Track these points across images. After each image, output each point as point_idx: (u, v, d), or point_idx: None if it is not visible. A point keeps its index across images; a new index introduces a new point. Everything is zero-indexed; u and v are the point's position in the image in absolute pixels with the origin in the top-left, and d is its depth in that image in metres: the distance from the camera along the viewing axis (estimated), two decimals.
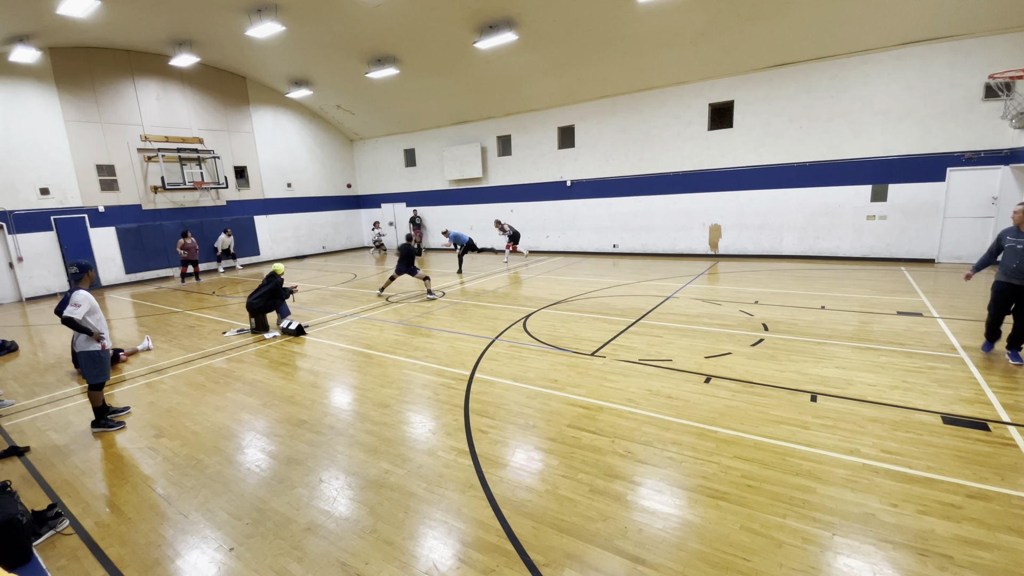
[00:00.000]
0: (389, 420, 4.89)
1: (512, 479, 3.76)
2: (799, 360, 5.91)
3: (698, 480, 3.61)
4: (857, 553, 2.84)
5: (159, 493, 3.83)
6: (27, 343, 8.88)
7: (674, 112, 14.51)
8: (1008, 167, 10.76)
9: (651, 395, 5.12)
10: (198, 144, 16.69)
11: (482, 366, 6.26)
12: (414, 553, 3.03)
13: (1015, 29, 10.18)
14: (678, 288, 10.44)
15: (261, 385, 6.06)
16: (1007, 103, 10.18)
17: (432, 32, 13.30)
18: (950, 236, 11.68)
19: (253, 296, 8.54)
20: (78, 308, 4.73)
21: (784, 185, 13.35)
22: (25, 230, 13.40)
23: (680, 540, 3.01)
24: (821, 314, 7.85)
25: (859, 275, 10.88)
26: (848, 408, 4.63)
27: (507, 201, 18.61)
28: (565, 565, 2.85)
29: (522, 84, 15.69)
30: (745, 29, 11.68)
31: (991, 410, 4.46)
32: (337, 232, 22.29)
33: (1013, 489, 3.33)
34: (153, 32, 13.83)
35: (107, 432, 4.98)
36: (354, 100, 18.94)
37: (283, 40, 14.09)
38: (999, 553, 2.78)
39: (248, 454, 4.37)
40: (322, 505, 3.55)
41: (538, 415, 4.82)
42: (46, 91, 13.58)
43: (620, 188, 15.98)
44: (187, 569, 3.01)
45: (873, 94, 11.81)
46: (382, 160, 22.08)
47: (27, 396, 6.16)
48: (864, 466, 3.67)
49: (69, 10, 10.81)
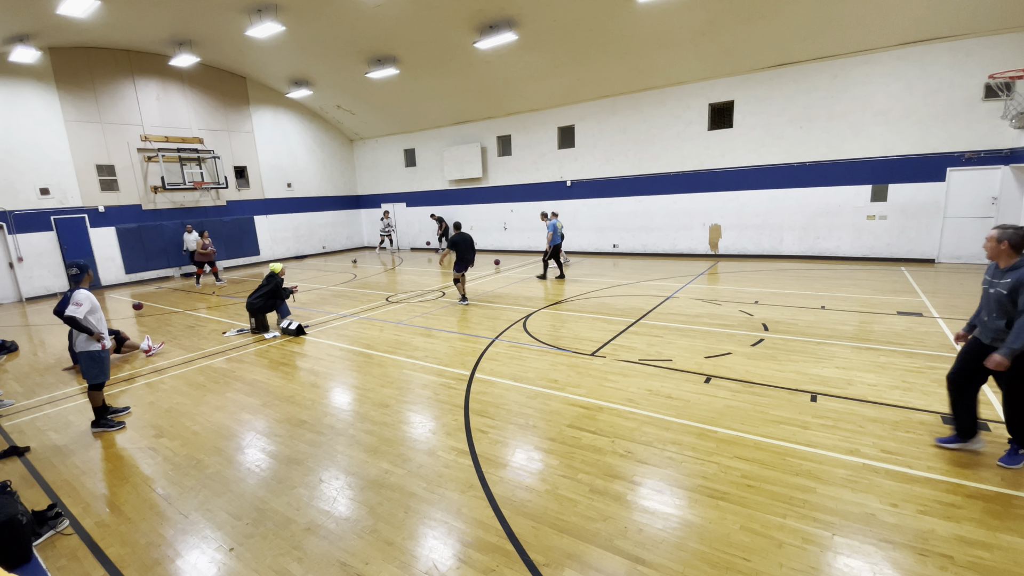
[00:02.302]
0: (389, 420, 4.89)
1: (512, 479, 3.76)
2: (799, 360, 5.91)
3: (698, 480, 3.61)
4: (857, 553, 2.83)
5: (159, 493, 3.83)
6: (27, 343, 8.87)
7: (674, 112, 14.50)
8: (1008, 167, 10.76)
9: (651, 395, 5.12)
10: (198, 144, 16.69)
11: (482, 366, 6.26)
12: (414, 553, 3.03)
13: (1015, 29, 10.18)
14: (678, 288, 10.44)
15: (261, 385, 6.06)
16: (1007, 103, 10.18)
17: (432, 32, 13.30)
18: (950, 236, 11.68)
19: (253, 296, 8.54)
20: (80, 307, 4.73)
21: (784, 185, 13.35)
22: (25, 230, 13.40)
23: (680, 540, 3.01)
24: (821, 314, 7.85)
25: (859, 275, 10.88)
26: (848, 408, 4.62)
27: (507, 201, 18.61)
28: (565, 565, 2.85)
29: (522, 84, 15.69)
30: (745, 29, 11.67)
31: (991, 410, 4.46)
32: (337, 232, 22.30)
33: (1013, 489, 3.33)
34: (153, 32, 13.83)
35: (107, 432, 4.98)
36: (354, 100, 18.94)
37: (283, 40, 14.08)
38: (999, 553, 2.78)
39: (248, 454, 4.37)
40: (322, 505, 3.55)
41: (538, 415, 4.82)
42: (46, 91, 13.58)
43: (620, 188, 15.97)
44: (187, 569, 3.01)
45: (873, 94, 11.81)
46: (382, 160, 22.08)
47: (27, 396, 6.15)
48: (864, 466, 3.67)
49: (69, 10, 10.81)
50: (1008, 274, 3.45)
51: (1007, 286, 3.41)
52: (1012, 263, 3.48)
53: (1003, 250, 3.50)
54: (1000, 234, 3.49)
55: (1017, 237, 3.43)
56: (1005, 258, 3.51)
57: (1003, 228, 3.49)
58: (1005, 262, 3.52)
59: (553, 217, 12.22)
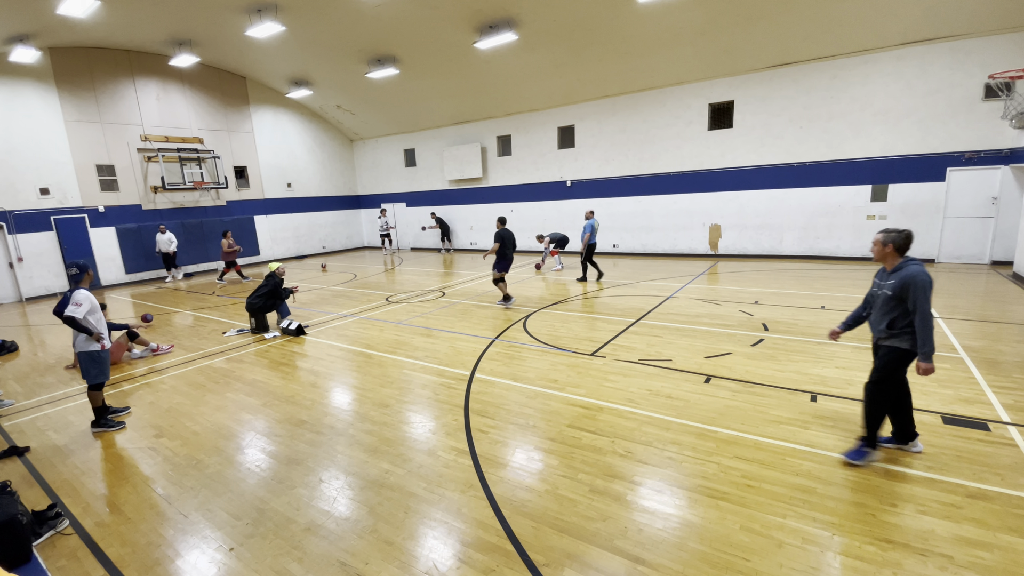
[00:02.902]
0: (389, 420, 4.89)
1: (512, 479, 3.76)
2: (799, 360, 5.91)
3: (698, 480, 3.61)
4: (857, 553, 2.83)
5: (159, 493, 3.83)
6: (27, 343, 8.87)
7: (674, 112, 14.50)
8: (1008, 167, 10.76)
9: (651, 395, 5.12)
10: (198, 144, 16.69)
11: (482, 366, 6.26)
12: (414, 553, 3.03)
13: (1015, 29, 10.18)
14: (678, 288, 10.44)
15: (261, 385, 6.06)
16: (1007, 103, 10.18)
17: (432, 32, 13.30)
18: (950, 236, 11.68)
19: (253, 296, 8.54)
20: (79, 307, 4.73)
21: (784, 185, 13.35)
22: (25, 230, 13.40)
23: (680, 540, 3.01)
24: (821, 314, 7.85)
25: (859, 275, 10.88)
26: (848, 408, 4.62)
27: (507, 201, 18.61)
28: (565, 565, 2.85)
29: (522, 84, 15.69)
30: (745, 29, 11.68)
31: (991, 410, 4.46)
32: (337, 232, 22.30)
33: (1013, 489, 3.33)
34: (153, 32, 13.83)
35: (107, 432, 4.98)
36: (354, 100, 18.94)
37: (283, 40, 14.08)
38: (999, 553, 2.78)
39: (248, 454, 4.37)
40: (322, 505, 3.55)
41: (538, 415, 4.82)
42: (46, 91, 13.58)
43: (620, 188, 15.97)
44: (187, 569, 3.01)
45: (873, 94, 11.81)
46: (382, 160, 22.08)
47: (27, 396, 6.16)
48: (864, 466, 3.67)
49: (69, 10, 10.81)
50: (893, 275, 3.56)
51: (893, 287, 3.52)
52: (896, 264, 3.59)
53: (888, 252, 3.61)
54: (885, 238, 3.60)
55: (900, 240, 3.55)
56: (891, 260, 3.62)
57: (887, 232, 3.61)
58: (891, 264, 3.63)
59: (591, 216, 11.51)
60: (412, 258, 18.60)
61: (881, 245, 3.63)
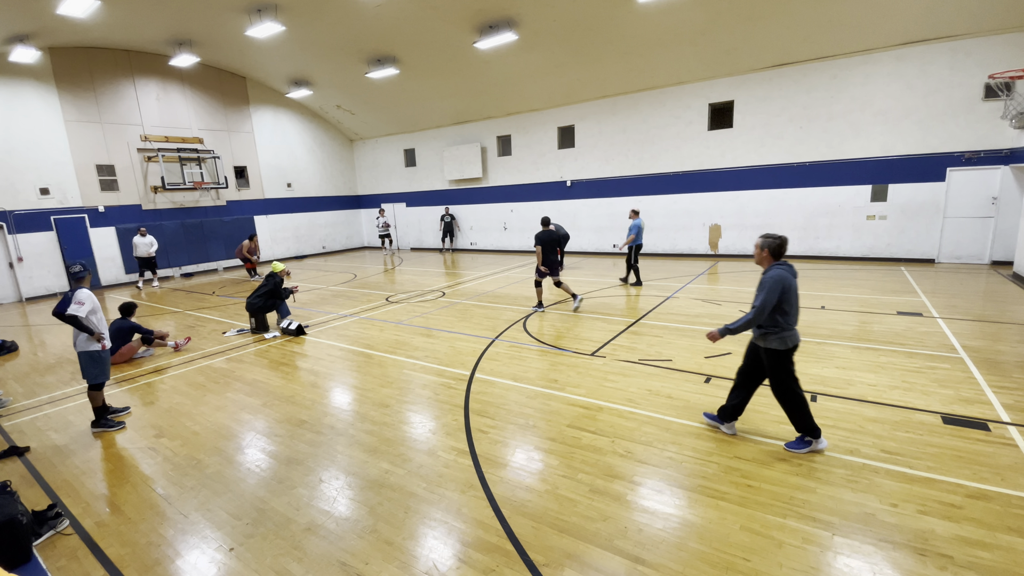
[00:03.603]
0: (389, 420, 4.89)
1: (512, 479, 3.76)
2: (799, 360, 5.86)
3: (698, 480, 3.61)
4: (857, 553, 2.83)
5: (159, 493, 3.83)
6: (27, 343, 8.87)
7: (674, 112, 14.50)
8: (1008, 167, 10.76)
9: (651, 395, 5.12)
10: (198, 144, 16.69)
11: (482, 366, 6.26)
12: (414, 553, 3.03)
13: (1015, 29, 10.18)
14: (678, 288, 10.44)
15: (261, 385, 6.06)
16: (1007, 103, 10.18)
17: (432, 32, 13.30)
18: (950, 236, 11.68)
19: (253, 296, 8.54)
20: (81, 306, 4.74)
21: (784, 185, 13.35)
22: (25, 230, 13.39)
23: (680, 540, 3.01)
24: (821, 314, 7.85)
25: (859, 275, 10.88)
26: (848, 408, 4.63)
27: (507, 201, 18.61)
28: (565, 565, 2.85)
29: (522, 84, 15.69)
30: (745, 29, 11.67)
31: (991, 410, 4.46)
32: (337, 232, 22.30)
33: (1013, 489, 3.33)
34: (153, 32, 13.83)
35: (107, 432, 4.98)
36: (354, 100, 18.93)
37: (283, 40, 14.08)
38: (999, 553, 2.78)
39: (248, 454, 4.37)
40: (322, 505, 3.55)
41: (538, 415, 4.82)
42: (46, 91, 13.57)
43: (620, 188, 15.97)
44: (187, 569, 3.01)
45: (873, 94, 11.81)
46: (382, 160, 22.08)
47: (27, 396, 6.15)
48: (864, 466, 3.67)
49: (69, 10, 10.81)
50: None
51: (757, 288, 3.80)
52: (766, 268, 3.82)
53: (764, 257, 3.86)
54: (763, 243, 3.84)
55: (775, 245, 3.79)
56: (765, 264, 3.87)
57: (766, 237, 3.83)
58: (765, 268, 3.87)
59: (636, 216, 10.80)
60: (412, 258, 18.60)
61: (759, 250, 3.87)
